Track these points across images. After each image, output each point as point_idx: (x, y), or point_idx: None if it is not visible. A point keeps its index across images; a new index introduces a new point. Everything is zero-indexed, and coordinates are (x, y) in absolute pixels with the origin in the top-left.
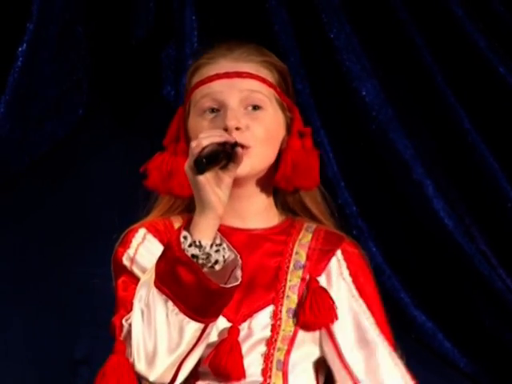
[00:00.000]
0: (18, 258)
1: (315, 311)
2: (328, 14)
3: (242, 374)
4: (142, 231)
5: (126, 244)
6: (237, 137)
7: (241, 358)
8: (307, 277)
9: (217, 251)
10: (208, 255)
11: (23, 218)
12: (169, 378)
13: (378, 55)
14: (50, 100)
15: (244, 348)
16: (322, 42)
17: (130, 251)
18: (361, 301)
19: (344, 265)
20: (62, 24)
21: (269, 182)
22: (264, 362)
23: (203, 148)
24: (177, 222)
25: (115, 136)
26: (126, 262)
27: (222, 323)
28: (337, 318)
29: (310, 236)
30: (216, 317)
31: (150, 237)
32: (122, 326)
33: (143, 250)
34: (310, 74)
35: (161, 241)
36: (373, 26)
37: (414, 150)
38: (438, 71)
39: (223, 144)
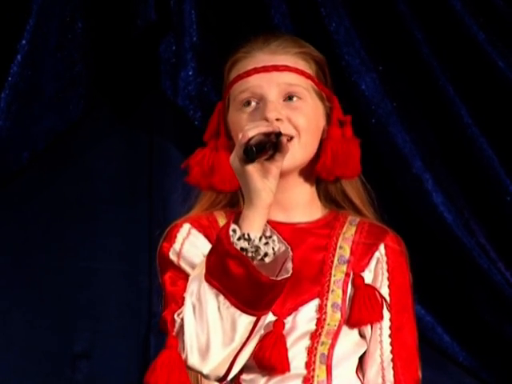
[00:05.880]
0: (18, 252)
1: (362, 309)
2: (327, 8)
3: (286, 367)
4: (186, 226)
5: (171, 239)
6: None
7: (285, 350)
8: (351, 272)
9: (266, 244)
10: (257, 248)
11: (22, 212)
12: (223, 372)
13: (378, 49)
14: (49, 95)
15: (288, 341)
16: (321, 36)
17: (176, 246)
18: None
19: (384, 259)
20: (61, 19)
21: (311, 173)
22: (308, 355)
23: (250, 138)
24: (220, 217)
25: (114, 130)
26: (172, 256)
27: (268, 316)
28: (383, 317)
29: (353, 229)
30: (268, 309)
31: (194, 231)
32: (173, 321)
33: (189, 245)
34: None
35: (205, 235)
36: (372, 19)
37: (413, 143)
38: (437, 65)
39: (268, 134)
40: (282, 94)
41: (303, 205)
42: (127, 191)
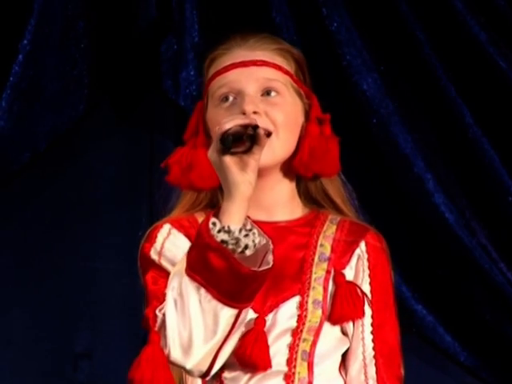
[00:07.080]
0: (19, 252)
1: (344, 306)
2: (329, 8)
3: (268, 364)
4: (166, 226)
5: (152, 239)
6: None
7: (266, 347)
8: (332, 270)
9: (246, 236)
10: (237, 240)
11: (24, 212)
12: (206, 366)
13: (379, 49)
14: (51, 94)
15: (270, 338)
16: (322, 36)
17: (157, 245)
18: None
19: (365, 257)
20: (63, 19)
21: (290, 171)
22: (289, 351)
23: (227, 130)
24: (200, 218)
25: (116, 130)
26: (153, 256)
27: (248, 314)
28: (364, 314)
29: (334, 228)
30: (249, 302)
31: (174, 231)
32: (155, 316)
33: (169, 244)
34: (310, 68)
35: (186, 235)
36: (374, 20)
37: (414, 144)
38: (439, 65)
39: (245, 126)
40: (261, 89)
41: (284, 203)
42: (128, 191)
